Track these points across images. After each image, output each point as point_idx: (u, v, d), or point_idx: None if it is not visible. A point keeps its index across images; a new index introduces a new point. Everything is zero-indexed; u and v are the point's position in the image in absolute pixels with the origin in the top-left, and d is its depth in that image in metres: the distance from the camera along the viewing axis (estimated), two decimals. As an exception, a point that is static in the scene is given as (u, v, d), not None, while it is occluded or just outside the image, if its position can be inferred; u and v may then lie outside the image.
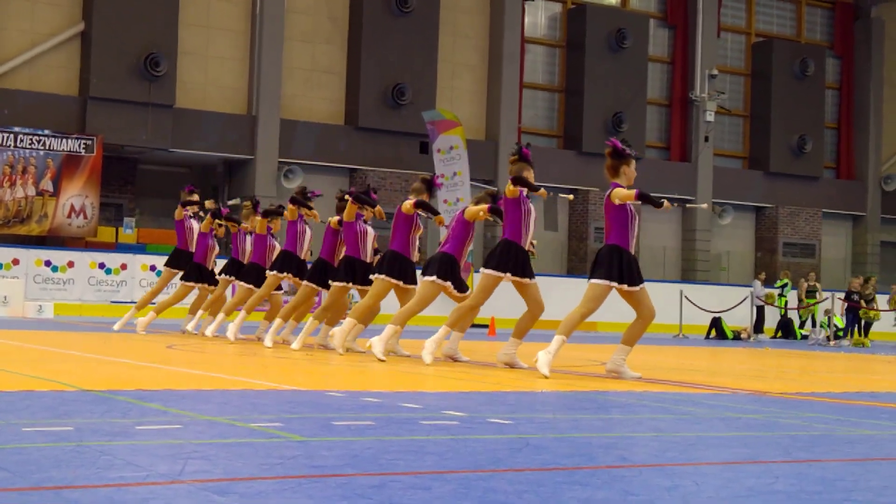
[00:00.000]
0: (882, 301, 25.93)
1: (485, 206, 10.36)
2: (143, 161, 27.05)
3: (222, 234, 15.16)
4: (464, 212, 10.73)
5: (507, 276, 9.70)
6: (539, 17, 31.55)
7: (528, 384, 8.23)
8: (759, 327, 26.79)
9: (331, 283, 12.16)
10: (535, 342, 10.13)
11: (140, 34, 25.12)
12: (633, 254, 9.04)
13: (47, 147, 24.12)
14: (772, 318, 28.46)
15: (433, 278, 10.50)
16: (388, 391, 7.39)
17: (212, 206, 15.29)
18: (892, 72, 36.32)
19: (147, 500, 3.27)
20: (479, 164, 27.47)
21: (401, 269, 11.10)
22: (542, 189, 9.59)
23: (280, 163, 26.81)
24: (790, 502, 3.63)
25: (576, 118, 31.01)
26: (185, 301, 15.78)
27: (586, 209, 30.37)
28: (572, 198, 11.29)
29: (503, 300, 10.50)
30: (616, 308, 10.38)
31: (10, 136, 23.84)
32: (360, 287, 11.97)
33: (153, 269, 23.41)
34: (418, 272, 11.05)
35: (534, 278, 9.84)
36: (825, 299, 25.12)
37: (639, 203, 8.77)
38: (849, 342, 23.99)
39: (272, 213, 13.85)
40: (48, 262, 23.14)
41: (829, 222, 35.05)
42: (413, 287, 11.12)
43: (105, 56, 24.96)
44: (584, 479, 3.94)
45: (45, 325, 17.74)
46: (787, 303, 28.06)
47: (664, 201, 8.74)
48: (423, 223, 12.78)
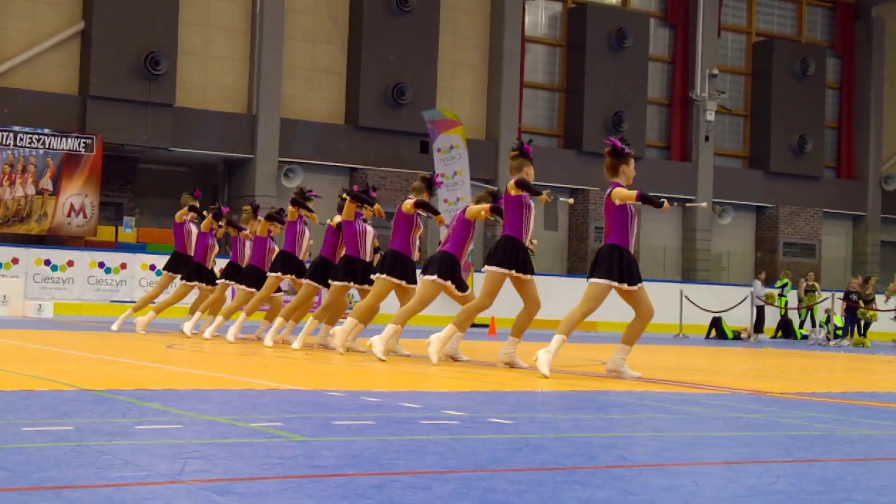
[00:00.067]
0: (880, 301, 25.90)
1: (486, 205, 10.35)
2: (143, 160, 27.05)
3: (221, 234, 15.14)
4: (464, 211, 10.73)
5: (512, 272, 9.70)
6: (539, 17, 31.54)
7: (529, 384, 8.23)
8: (759, 327, 26.79)
9: (331, 282, 12.16)
10: (534, 342, 10.12)
11: (140, 33, 25.12)
12: (633, 253, 9.05)
13: (47, 146, 24.11)
14: (772, 317, 28.45)
15: (434, 277, 10.50)
16: (389, 391, 7.40)
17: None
18: (893, 71, 36.32)
19: (147, 499, 3.27)
20: (480, 163, 27.46)
21: (402, 268, 11.09)
22: (543, 194, 9.60)
23: (280, 162, 26.80)
24: (790, 502, 3.63)
25: (576, 118, 31.00)
26: (185, 301, 15.78)
27: (586, 209, 30.34)
28: (573, 201, 11.30)
29: (503, 300, 10.47)
30: (616, 308, 10.37)
31: (10, 135, 23.84)
32: (360, 286, 11.97)
33: (153, 268, 23.39)
34: (418, 271, 11.05)
35: (533, 275, 9.86)
36: (825, 299, 25.12)
37: (639, 203, 8.77)
38: (848, 342, 23.98)
39: (274, 219, 13.74)
40: (48, 262, 23.13)
41: (829, 222, 35.04)
42: (414, 287, 11.11)
43: (105, 55, 24.96)
44: (584, 478, 3.93)
45: (44, 325, 17.73)
46: (787, 303, 28.06)
47: (664, 202, 8.74)
48: (424, 223, 12.76)
